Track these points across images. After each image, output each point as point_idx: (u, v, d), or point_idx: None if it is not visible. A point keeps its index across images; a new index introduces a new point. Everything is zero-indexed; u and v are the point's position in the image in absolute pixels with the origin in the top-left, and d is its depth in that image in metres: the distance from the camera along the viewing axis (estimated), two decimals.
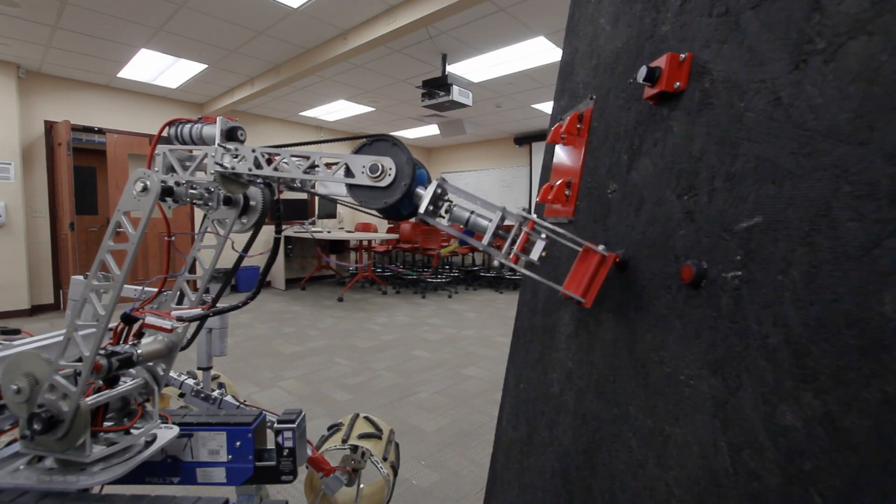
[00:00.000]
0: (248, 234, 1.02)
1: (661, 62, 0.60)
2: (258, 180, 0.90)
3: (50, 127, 5.56)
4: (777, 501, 0.40)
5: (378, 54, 4.73)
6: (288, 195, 8.35)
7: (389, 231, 8.65)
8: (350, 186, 0.78)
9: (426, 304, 6.30)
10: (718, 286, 0.49)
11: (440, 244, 7.29)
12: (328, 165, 0.82)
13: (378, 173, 0.75)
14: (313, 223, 7.96)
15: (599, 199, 0.77)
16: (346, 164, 0.77)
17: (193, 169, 0.89)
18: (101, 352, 0.80)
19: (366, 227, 8.62)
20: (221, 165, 0.84)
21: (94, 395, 0.81)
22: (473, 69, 5.16)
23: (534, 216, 0.69)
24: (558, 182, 0.89)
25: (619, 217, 0.70)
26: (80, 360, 0.78)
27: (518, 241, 0.68)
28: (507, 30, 4.15)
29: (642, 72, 0.60)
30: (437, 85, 4.85)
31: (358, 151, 0.78)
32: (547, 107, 6.70)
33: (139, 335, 0.91)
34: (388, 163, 0.75)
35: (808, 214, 0.41)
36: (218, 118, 0.88)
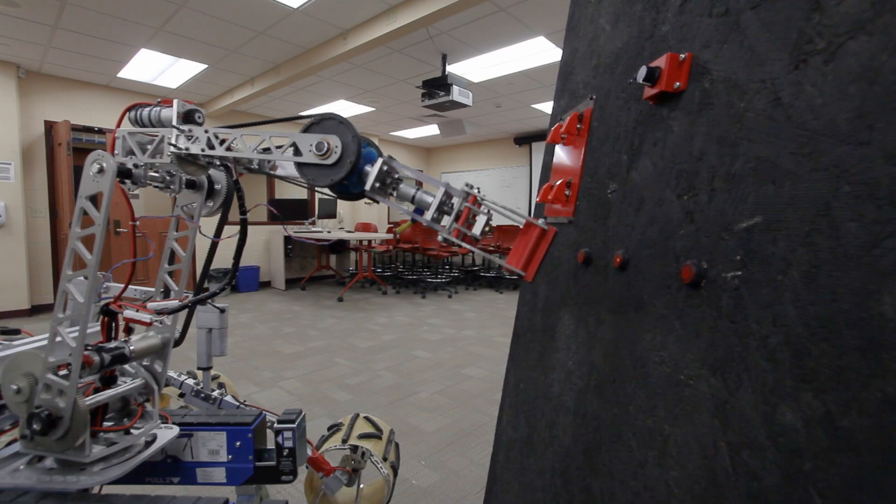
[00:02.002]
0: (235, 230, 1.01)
1: (661, 62, 0.60)
2: (216, 162, 0.90)
3: (50, 127, 5.56)
4: (777, 501, 0.40)
5: (378, 54, 4.73)
6: (288, 195, 8.35)
7: (389, 231, 8.65)
8: (299, 165, 0.80)
9: (426, 304, 6.30)
10: (718, 286, 0.49)
11: (440, 244, 7.28)
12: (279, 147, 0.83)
13: (324, 151, 0.76)
14: (313, 223, 7.96)
15: (599, 199, 0.77)
16: (294, 142, 0.79)
17: (152, 151, 0.89)
18: (91, 347, 0.79)
19: (366, 227, 8.62)
20: (176, 147, 0.85)
21: (94, 395, 0.81)
22: (473, 69, 5.16)
23: (476, 191, 0.71)
24: (558, 182, 0.89)
25: (619, 217, 0.70)
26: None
27: (461, 217, 0.70)
28: (507, 30, 4.14)
29: (642, 72, 0.60)
30: (437, 85, 4.85)
31: (306, 130, 0.78)
32: (547, 107, 6.70)
33: (128, 331, 0.91)
34: (334, 140, 0.76)
35: (808, 214, 0.41)
36: (175, 100, 0.88)
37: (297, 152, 0.78)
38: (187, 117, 0.89)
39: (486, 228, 0.68)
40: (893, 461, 0.32)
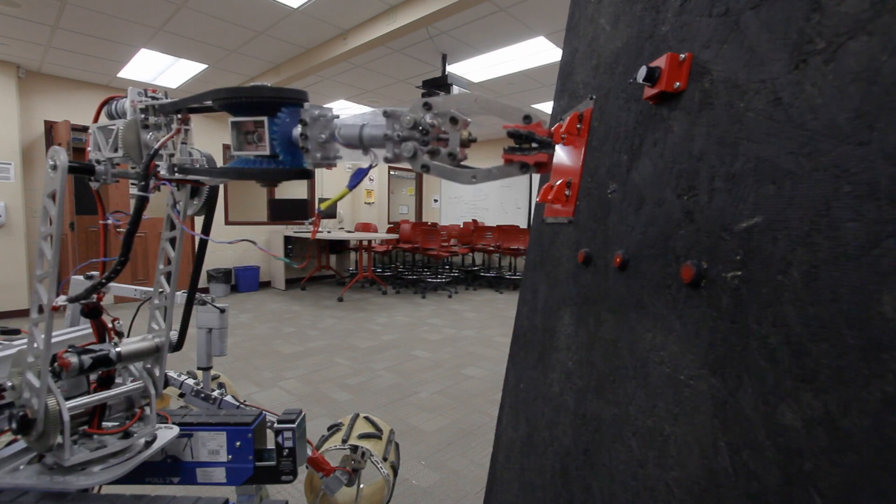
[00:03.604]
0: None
1: (661, 62, 0.60)
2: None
3: (50, 127, 5.56)
4: (777, 501, 0.40)
5: (378, 54, 4.73)
6: (288, 195, 8.35)
7: (389, 231, 8.65)
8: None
9: (426, 304, 6.30)
10: (718, 286, 0.49)
11: (440, 244, 7.28)
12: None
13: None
14: (313, 223, 7.96)
15: (599, 199, 0.77)
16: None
17: (111, 145, 0.86)
18: (74, 349, 0.78)
19: (366, 227, 8.62)
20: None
21: (79, 398, 0.80)
22: (473, 69, 5.16)
23: (437, 99, 0.52)
24: (558, 182, 0.89)
25: (619, 217, 0.70)
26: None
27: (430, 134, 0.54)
28: (507, 30, 4.14)
29: (642, 72, 0.60)
30: (437, 85, 4.85)
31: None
32: (547, 107, 6.70)
33: (118, 334, 0.90)
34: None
35: (808, 214, 0.41)
36: (129, 88, 0.83)
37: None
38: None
39: (466, 135, 0.52)
40: (893, 461, 0.32)
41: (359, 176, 0.58)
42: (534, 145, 0.50)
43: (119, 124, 0.83)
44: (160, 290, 0.93)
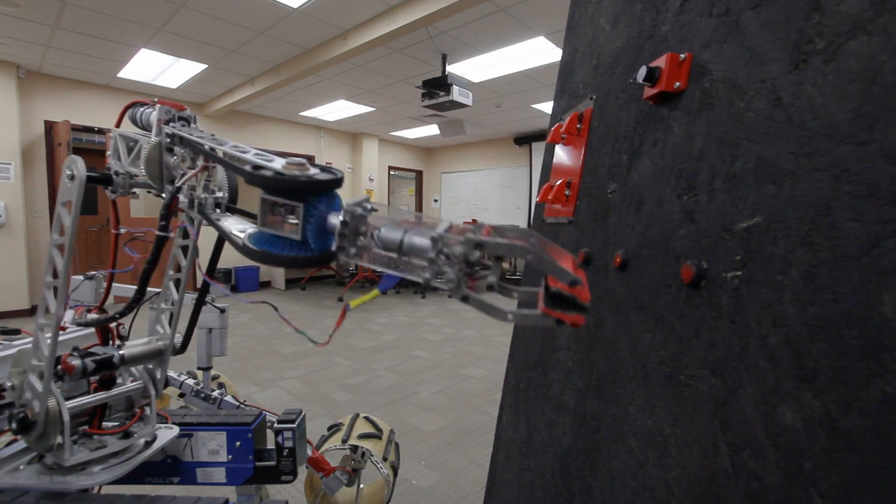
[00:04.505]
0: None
1: (661, 62, 0.60)
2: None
3: (50, 127, 5.56)
4: (777, 501, 0.40)
5: (378, 54, 4.73)
6: None
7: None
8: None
9: (426, 304, 6.30)
10: (718, 286, 0.49)
11: None
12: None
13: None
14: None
15: (599, 199, 0.77)
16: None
17: (132, 158, 0.84)
18: (78, 352, 0.78)
19: None
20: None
21: (80, 398, 0.80)
22: (473, 69, 5.16)
23: (491, 241, 0.47)
24: (558, 182, 0.89)
25: (619, 217, 0.70)
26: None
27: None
28: (507, 30, 4.14)
29: (642, 72, 0.60)
30: (437, 85, 4.86)
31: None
32: (547, 107, 6.70)
33: (121, 337, 0.90)
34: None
35: (808, 214, 0.41)
36: (158, 105, 0.79)
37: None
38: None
39: (506, 265, 0.52)
40: (893, 461, 0.32)
41: (391, 281, 0.56)
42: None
43: (143, 142, 0.81)
44: (167, 295, 0.93)
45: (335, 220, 0.54)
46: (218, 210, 0.76)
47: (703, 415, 0.49)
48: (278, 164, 0.56)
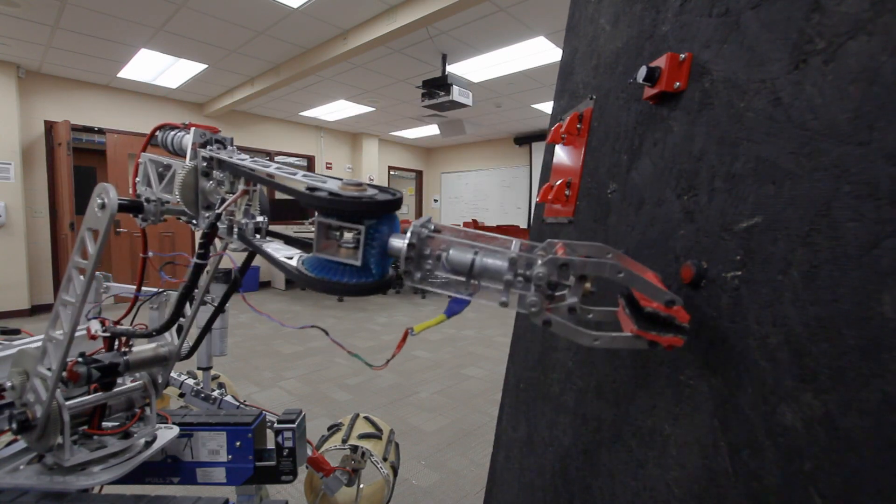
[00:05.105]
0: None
1: (661, 62, 0.60)
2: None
3: (50, 127, 5.56)
4: (777, 501, 0.40)
5: (378, 54, 4.74)
6: (280, 195, 8.34)
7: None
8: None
9: (426, 304, 6.30)
10: (718, 286, 0.49)
11: None
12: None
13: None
14: (313, 223, 7.96)
15: (599, 199, 0.77)
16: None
17: (164, 185, 0.82)
18: (81, 359, 0.78)
19: None
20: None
21: (80, 399, 0.81)
22: (473, 69, 5.16)
23: (577, 261, 0.44)
24: (558, 182, 0.89)
25: (619, 217, 0.70)
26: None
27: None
28: (507, 30, 4.15)
29: (642, 72, 0.60)
30: (437, 85, 4.86)
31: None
32: (547, 107, 6.70)
33: (128, 343, 0.90)
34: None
35: (808, 214, 0.41)
36: (193, 129, 0.75)
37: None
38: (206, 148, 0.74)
39: (588, 285, 0.45)
40: (893, 461, 0.32)
41: (460, 306, 0.51)
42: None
43: (177, 167, 0.77)
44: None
45: (398, 242, 0.50)
46: (257, 235, 0.72)
47: (703, 415, 0.49)
48: (333, 184, 0.52)
